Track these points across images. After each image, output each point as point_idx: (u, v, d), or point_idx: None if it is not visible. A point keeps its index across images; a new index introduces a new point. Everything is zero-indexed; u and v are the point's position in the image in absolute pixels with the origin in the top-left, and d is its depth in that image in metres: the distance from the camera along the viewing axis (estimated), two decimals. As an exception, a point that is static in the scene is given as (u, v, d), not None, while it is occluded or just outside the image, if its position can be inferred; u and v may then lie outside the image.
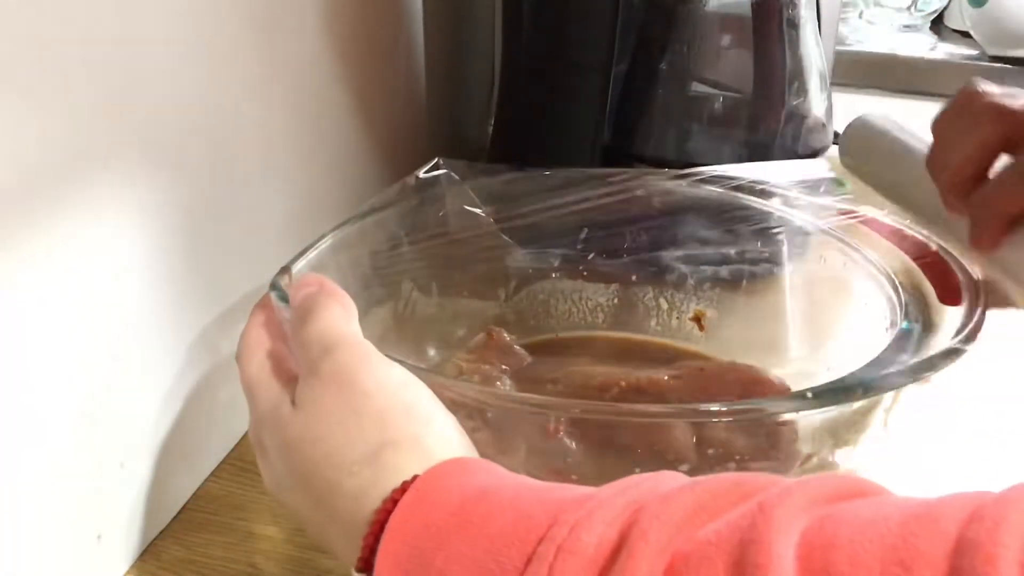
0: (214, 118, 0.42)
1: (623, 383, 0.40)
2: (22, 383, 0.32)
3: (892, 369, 0.29)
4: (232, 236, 0.45)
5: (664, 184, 0.47)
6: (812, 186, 0.45)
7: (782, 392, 0.40)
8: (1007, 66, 0.89)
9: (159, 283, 0.39)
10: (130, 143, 0.36)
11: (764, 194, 0.45)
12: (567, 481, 0.30)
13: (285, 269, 0.38)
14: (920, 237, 0.39)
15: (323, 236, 0.41)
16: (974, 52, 0.97)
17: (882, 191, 0.39)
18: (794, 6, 0.55)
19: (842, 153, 0.42)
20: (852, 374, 0.30)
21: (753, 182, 0.45)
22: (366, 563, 0.25)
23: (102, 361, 0.36)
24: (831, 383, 0.28)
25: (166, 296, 0.40)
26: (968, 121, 0.32)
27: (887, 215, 0.41)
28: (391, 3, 0.64)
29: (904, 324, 0.33)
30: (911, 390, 0.36)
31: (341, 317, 0.30)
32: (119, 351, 0.37)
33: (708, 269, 0.48)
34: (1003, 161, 0.32)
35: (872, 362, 0.31)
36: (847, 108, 0.68)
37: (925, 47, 0.99)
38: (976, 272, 0.35)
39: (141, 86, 0.36)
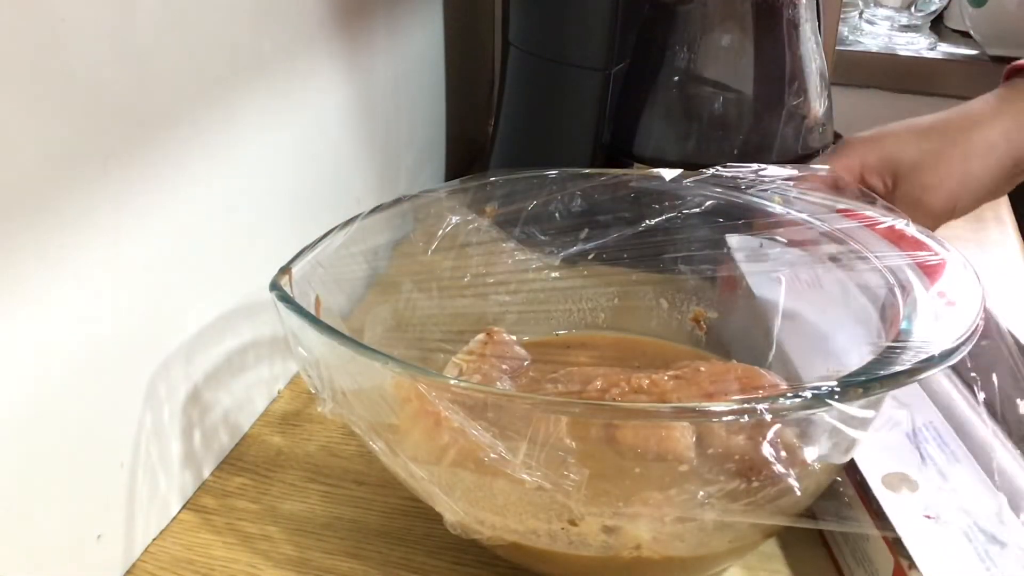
0: (216, 119, 0.42)
1: (623, 383, 0.40)
2: (22, 383, 0.32)
3: (892, 369, 0.29)
4: (232, 237, 0.45)
5: (664, 184, 0.47)
6: (812, 186, 0.45)
7: (781, 392, 0.40)
8: (1007, 66, 0.89)
9: (158, 284, 0.39)
10: (130, 144, 0.36)
11: (764, 194, 0.45)
12: (566, 481, 0.30)
13: (285, 269, 0.38)
14: (920, 237, 0.39)
15: (324, 236, 0.41)
16: (974, 52, 0.97)
17: None
18: (794, 6, 0.55)
19: None
20: (852, 374, 0.30)
21: (753, 182, 0.45)
22: None
23: (102, 361, 0.36)
24: (831, 383, 0.28)
25: (165, 297, 0.40)
26: None
27: (887, 215, 0.41)
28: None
29: (904, 324, 0.33)
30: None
31: None
32: (119, 351, 0.37)
33: (708, 269, 0.48)
34: None
35: (872, 362, 0.31)
36: (847, 108, 0.68)
37: (925, 47, 0.99)
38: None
39: (142, 87, 0.36)
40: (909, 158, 0.47)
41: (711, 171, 0.46)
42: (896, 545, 0.33)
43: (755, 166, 0.46)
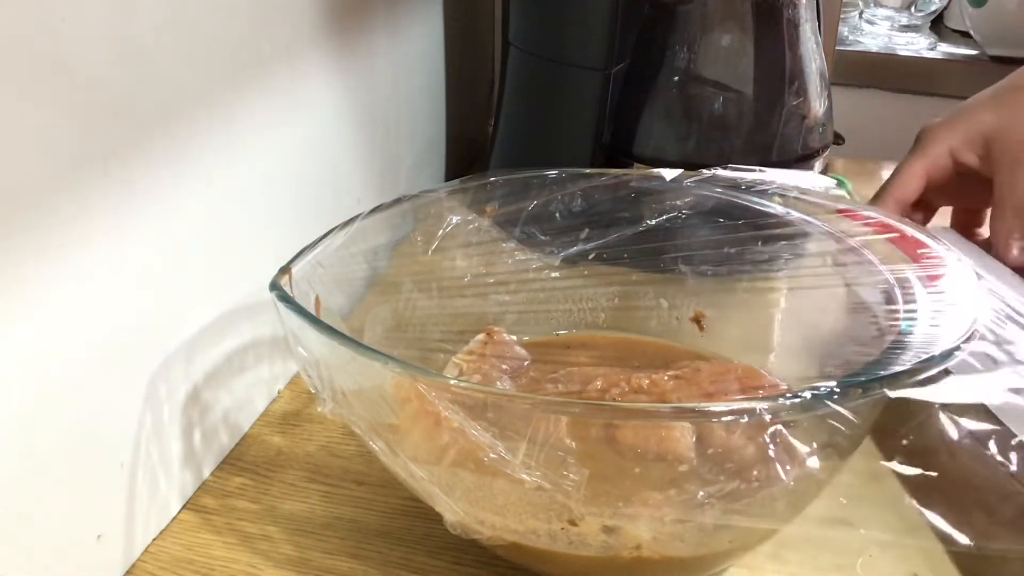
0: (216, 119, 0.42)
1: (623, 383, 0.40)
2: (22, 383, 0.32)
3: (892, 369, 0.29)
4: (232, 237, 0.45)
5: (664, 184, 0.47)
6: (812, 186, 0.46)
7: (782, 392, 0.40)
8: (1007, 66, 0.89)
9: (158, 284, 0.39)
10: (130, 144, 0.36)
11: (764, 194, 0.45)
12: (566, 481, 0.30)
13: (285, 269, 0.38)
14: (920, 237, 0.39)
15: (324, 236, 0.41)
16: (974, 52, 0.97)
17: None
18: (794, 6, 0.55)
19: None
20: (852, 374, 0.30)
21: (753, 182, 0.45)
22: None
23: (101, 361, 0.36)
24: (830, 384, 0.28)
25: (165, 297, 0.40)
26: None
27: (887, 215, 0.41)
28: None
29: (904, 324, 0.33)
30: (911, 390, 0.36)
31: None
32: (119, 351, 0.37)
33: (708, 269, 0.48)
34: None
35: (872, 362, 0.31)
36: (847, 108, 0.68)
37: (925, 47, 0.99)
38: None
39: (142, 87, 0.36)
40: (992, 124, 0.50)
41: (711, 171, 0.46)
42: None
43: (761, 169, 0.46)
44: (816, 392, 0.28)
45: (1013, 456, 0.31)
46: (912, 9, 1.01)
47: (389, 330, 0.44)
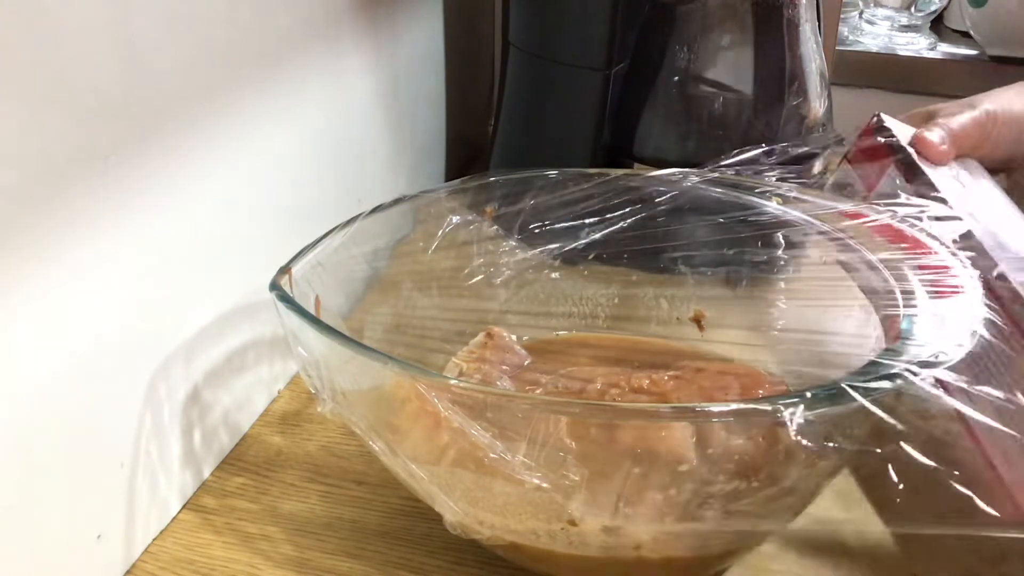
0: (216, 119, 0.42)
1: (623, 383, 0.40)
2: (22, 383, 0.32)
3: (891, 370, 0.29)
4: (232, 236, 0.45)
5: (664, 184, 0.47)
6: (812, 185, 0.45)
7: (782, 392, 0.40)
8: (1007, 66, 0.89)
9: (158, 283, 0.39)
10: (130, 144, 0.36)
11: (764, 194, 0.45)
12: (566, 481, 0.30)
13: (285, 269, 0.38)
14: (920, 237, 0.39)
15: (324, 236, 0.41)
16: (974, 52, 0.97)
17: None
18: (794, 6, 0.55)
19: None
20: (852, 374, 0.30)
21: (753, 182, 0.45)
22: None
23: (102, 361, 0.36)
24: (831, 383, 0.28)
25: (165, 297, 0.40)
26: None
27: (887, 215, 0.41)
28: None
29: (904, 324, 0.33)
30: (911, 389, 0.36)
31: None
32: (119, 351, 0.37)
33: (708, 269, 0.48)
34: None
35: (872, 362, 0.31)
36: (847, 108, 0.68)
37: (925, 47, 0.99)
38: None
39: (142, 87, 0.36)
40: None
41: (711, 171, 0.46)
42: None
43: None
44: (816, 393, 0.28)
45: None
46: (912, 9, 1.01)
47: (389, 330, 0.44)
